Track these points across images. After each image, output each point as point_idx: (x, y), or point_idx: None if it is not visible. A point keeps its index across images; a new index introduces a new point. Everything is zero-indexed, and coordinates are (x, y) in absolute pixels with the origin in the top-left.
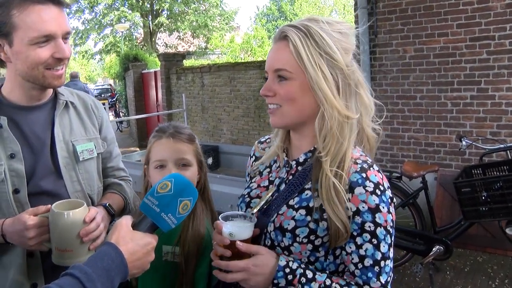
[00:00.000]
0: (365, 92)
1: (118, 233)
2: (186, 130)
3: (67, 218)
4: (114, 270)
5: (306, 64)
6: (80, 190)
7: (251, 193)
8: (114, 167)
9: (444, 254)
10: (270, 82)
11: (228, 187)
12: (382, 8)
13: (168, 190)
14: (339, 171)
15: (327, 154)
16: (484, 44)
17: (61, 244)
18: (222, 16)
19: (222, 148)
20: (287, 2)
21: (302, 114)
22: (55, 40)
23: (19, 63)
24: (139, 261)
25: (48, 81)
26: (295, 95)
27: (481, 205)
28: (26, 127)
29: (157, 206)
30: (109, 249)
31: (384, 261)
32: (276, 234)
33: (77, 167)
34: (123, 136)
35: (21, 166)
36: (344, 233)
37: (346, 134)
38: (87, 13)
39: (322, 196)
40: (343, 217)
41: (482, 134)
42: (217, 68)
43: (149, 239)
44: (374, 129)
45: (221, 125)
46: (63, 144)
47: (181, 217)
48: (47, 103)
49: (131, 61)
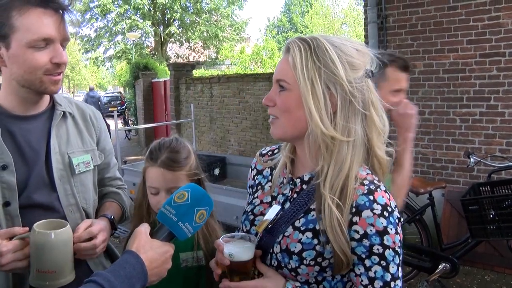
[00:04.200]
0: (378, 113)
1: (139, 242)
2: (179, 156)
3: (52, 238)
4: (135, 277)
5: (299, 76)
6: (74, 204)
7: (255, 210)
8: (112, 177)
9: (450, 272)
10: (272, 92)
11: (234, 198)
12: (392, 23)
13: (185, 200)
14: (341, 204)
15: (325, 179)
16: (494, 61)
17: (43, 266)
18: (232, 27)
19: (229, 159)
20: (298, 14)
21: (297, 128)
22: (53, 44)
23: (15, 67)
24: (157, 269)
25: (45, 86)
26: (290, 107)
27: (489, 224)
28: (21, 137)
29: (175, 216)
30: (130, 257)
31: (394, 281)
32: (283, 256)
33: (72, 180)
34: (131, 144)
35: (13, 178)
36: (345, 264)
37: (344, 157)
38: (99, 20)
39: (326, 226)
40: (345, 248)
41: (491, 151)
42: (226, 79)
43: (167, 248)
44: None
45: (229, 136)
46: (58, 156)
47: (198, 226)
48: (44, 112)
49: (141, 70)
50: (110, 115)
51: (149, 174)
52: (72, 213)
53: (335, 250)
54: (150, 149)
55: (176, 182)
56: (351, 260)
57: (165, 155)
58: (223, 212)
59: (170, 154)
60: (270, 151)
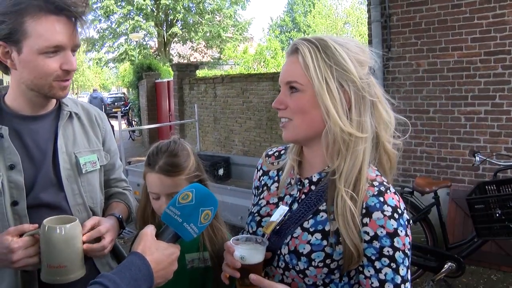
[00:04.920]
0: (383, 107)
1: (144, 244)
2: (177, 159)
3: (62, 232)
4: (141, 279)
5: (313, 76)
6: (82, 203)
7: (261, 211)
8: (117, 179)
9: (456, 271)
10: (282, 95)
11: (239, 199)
12: (396, 22)
13: (190, 201)
14: (354, 195)
15: (340, 174)
16: (499, 59)
17: (54, 261)
18: (235, 27)
19: (234, 160)
20: (300, 14)
21: (312, 128)
22: (64, 51)
23: (25, 72)
24: (163, 271)
25: (54, 91)
26: (305, 107)
27: (495, 223)
28: (28, 137)
29: (179, 217)
30: (136, 259)
31: (404, 284)
32: (291, 257)
33: (79, 179)
34: (135, 145)
35: (21, 178)
36: (356, 257)
37: (358, 153)
38: (102, 22)
39: (338, 218)
40: (356, 240)
41: (496, 150)
42: (230, 79)
43: (173, 249)
44: (394, 144)
45: (233, 136)
46: (65, 155)
47: (203, 226)
48: (51, 113)
49: (145, 70)
50: (114, 116)
51: (148, 180)
52: (79, 213)
53: (345, 243)
54: (148, 154)
55: (176, 187)
56: (362, 253)
57: (163, 160)
58: (228, 212)
59: (167, 159)
60: (276, 152)
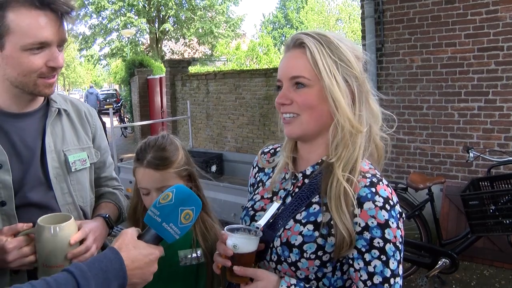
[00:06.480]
0: (373, 101)
1: (122, 240)
2: (165, 153)
3: (56, 232)
4: (111, 272)
5: (322, 72)
6: (71, 202)
7: (255, 206)
8: (108, 177)
9: (450, 267)
10: (286, 90)
11: (232, 195)
12: (390, 18)
13: (169, 200)
14: (351, 177)
15: (338, 159)
16: (492, 55)
17: (50, 261)
18: (228, 23)
19: (226, 156)
20: (293, 10)
21: (319, 123)
22: (50, 47)
23: (9, 68)
24: (140, 270)
25: (39, 89)
26: (313, 103)
27: (489, 219)
28: (16, 135)
29: (159, 217)
30: (109, 252)
31: (393, 278)
32: (283, 249)
33: (68, 178)
34: (127, 142)
35: (8, 177)
36: (348, 242)
37: (358, 143)
38: (93, 18)
39: (331, 203)
40: (349, 225)
41: (489, 146)
42: (222, 76)
43: (152, 250)
44: (381, 137)
45: (225, 132)
46: (54, 154)
47: (184, 227)
48: (39, 110)
49: (137, 67)
50: (106, 112)
51: (137, 175)
52: (69, 212)
53: (339, 230)
54: (136, 149)
55: (165, 181)
56: (354, 238)
57: (151, 154)
58: (220, 209)
59: (155, 153)
60: (272, 149)
